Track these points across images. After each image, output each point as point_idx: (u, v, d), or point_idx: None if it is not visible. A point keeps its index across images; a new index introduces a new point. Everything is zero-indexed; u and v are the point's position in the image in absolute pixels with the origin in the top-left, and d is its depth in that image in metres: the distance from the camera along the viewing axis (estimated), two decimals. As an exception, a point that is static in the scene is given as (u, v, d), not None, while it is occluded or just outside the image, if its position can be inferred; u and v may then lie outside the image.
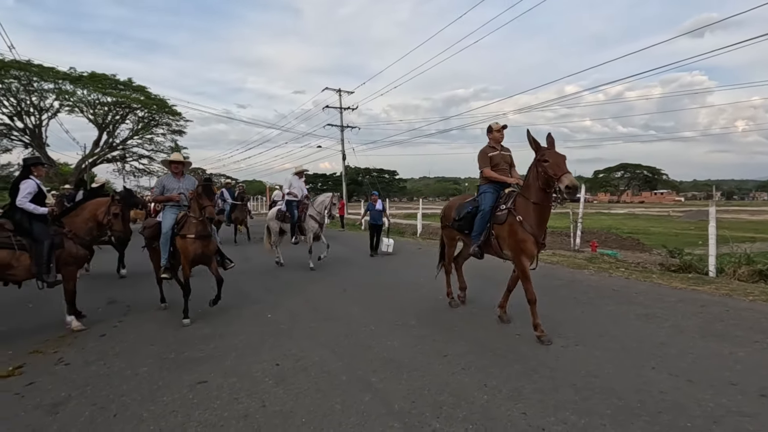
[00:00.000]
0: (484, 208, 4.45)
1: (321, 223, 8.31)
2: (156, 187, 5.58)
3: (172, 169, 5.34)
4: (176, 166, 5.32)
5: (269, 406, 2.80)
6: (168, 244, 4.95)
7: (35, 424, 2.63)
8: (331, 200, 8.25)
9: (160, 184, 5.34)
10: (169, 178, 5.32)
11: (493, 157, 4.68)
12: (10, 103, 24.89)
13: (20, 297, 6.11)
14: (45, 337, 4.28)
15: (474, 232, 4.53)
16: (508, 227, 4.15)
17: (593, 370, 3.32)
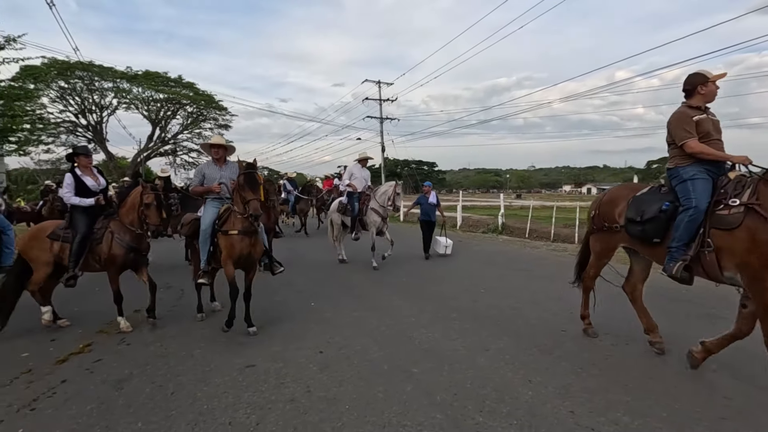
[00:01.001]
0: (697, 204, 2.92)
1: (384, 216, 7.47)
2: (195, 176, 4.69)
3: (212, 153, 4.56)
4: (217, 150, 4.53)
5: (314, 392, 2.89)
6: (208, 243, 4.27)
7: (104, 397, 2.86)
8: (394, 190, 7.34)
9: (200, 172, 4.58)
10: (209, 165, 4.55)
11: (700, 123, 3.12)
12: (75, 102, 26.82)
13: (89, 281, 6.65)
14: (109, 318, 4.61)
15: (675, 242, 3.02)
16: (749, 235, 2.66)
17: (647, 371, 3.16)
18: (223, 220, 4.21)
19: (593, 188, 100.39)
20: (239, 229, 4.05)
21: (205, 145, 4.83)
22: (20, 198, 17.76)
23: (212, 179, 4.46)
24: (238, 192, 4.06)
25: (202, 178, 4.50)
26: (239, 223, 4.06)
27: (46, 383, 3.09)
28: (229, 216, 4.17)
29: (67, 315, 4.76)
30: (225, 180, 4.44)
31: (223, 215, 4.25)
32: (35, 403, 2.79)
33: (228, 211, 4.22)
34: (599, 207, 3.85)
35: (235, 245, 4.05)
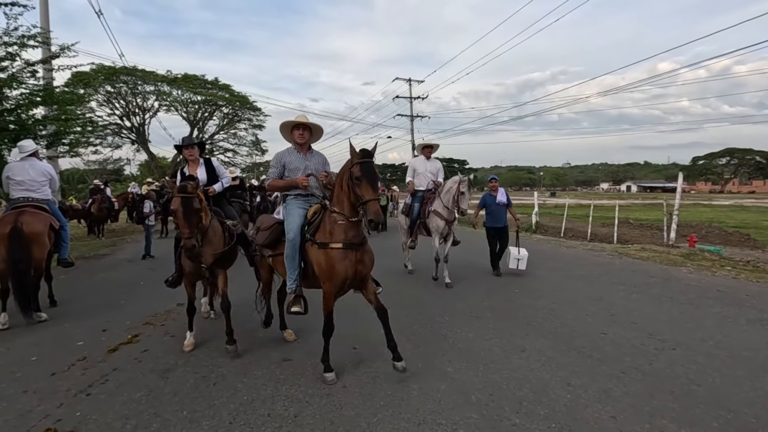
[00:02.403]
0: None
1: (449, 220, 6.08)
2: (272, 167, 3.63)
3: (294, 137, 3.55)
4: (301, 133, 3.51)
5: (349, 387, 2.93)
6: (298, 257, 3.22)
7: (152, 386, 3.01)
8: (458, 188, 5.88)
9: (278, 162, 3.56)
10: (291, 153, 3.59)
11: None
12: (120, 105, 28.28)
13: (134, 275, 7.02)
14: (154, 311, 4.85)
15: None
16: None
17: (695, 378, 3.01)
18: (315, 226, 3.17)
19: (633, 186, 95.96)
20: (343, 240, 2.98)
21: (285, 126, 3.59)
22: (72, 197, 18.91)
23: (295, 170, 3.50)
24: (347, 186, 2.93)
25: (281, 170, 3.53)
26: (342, 231, 2.99)
27: (100, 370, 3.29)
28: (324, 220, 3.13)
29: (114, 307, 5.05)
30: (313, 171, 3.51)
31: (315, 218, 3.24)
32: (90, 389, 2.98)
33: (320, 214, 3.21)
34: None
35: (338, 264, 2.96)
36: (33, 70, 7.77)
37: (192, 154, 4.29)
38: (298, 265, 3.23)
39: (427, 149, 6.64)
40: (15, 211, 4.43)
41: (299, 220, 3.29)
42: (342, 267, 2.96)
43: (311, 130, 3.62)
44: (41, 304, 4.73)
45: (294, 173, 3.50)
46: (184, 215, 3.35)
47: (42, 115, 8.31)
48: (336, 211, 3.03)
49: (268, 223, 3.64)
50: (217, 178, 4.39)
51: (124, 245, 11.29)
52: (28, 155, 4.74)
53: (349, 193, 2.91)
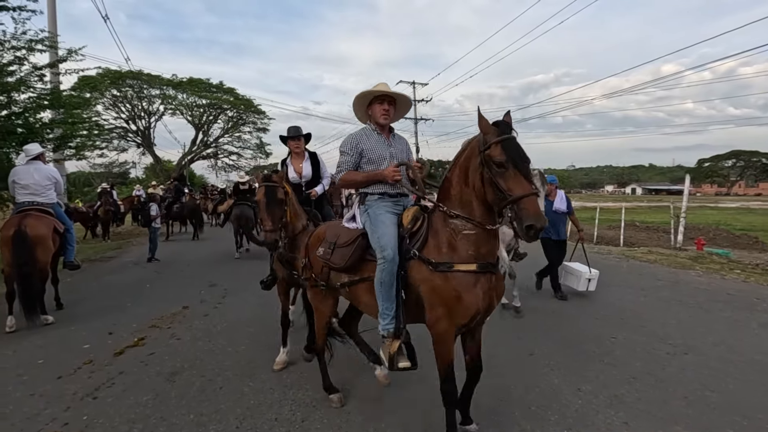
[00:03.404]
0: None
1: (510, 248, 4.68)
2: (345, 154, 2.60)
3: (377, 115, 2.59)
4: (386, 109, 2.57)
5: (357, 392, 2.90)
6: (395, 283, 2.26)
7: (158, 389, 3.00)
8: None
9: (354, 147, 2.57)
10: (370, 136, 2.61)
11: None
12: (126, 109, 28.48)
13: (140, 278, 7.04)
14: (160, 314, 4.84)
15: None
16: None
17: (709, 383, 2.96)
18: (420, 238, 2.26)
19: (638, 188, 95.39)
20: (475, 258, 2.11)
21: (362, 100, 2.63)
22: (78, 200, 19.04)
23: (378, 160, 2.55)
24: (477, 182, 2.05)
25: (357, 158, 2.57)
26: (471, 245, 2.11)
27: (106, 374, 3.28)
28: (436, 229, 2.23)
29: (120, 309, 5.05)
30: (400, 158, 2.60)
31: (417, 228, 2.31)
32: (97, 392, 2.97)
33: (424, 220, 2.32)
34: None
35: (467, 293, 2.07)
36: (41, 74, 7.83)
37: (298, 146, 3.99)
38: (396, 295, 2.25)
39: None
40: (19, 215, 4.46)
41: (394, 229, 2.33)
42: (472, 298, 2.06)
43: (395, 103, 2.62)
44: (47, 306, 4.73)
45: (376, 164, 2.56)
46: (267, 206, 3.07)
47: (49, 118, 8.37)
48: (458, 215, 2.14)
49: (347, 236, 2.53)
50: (321, 176, 4.02)
51: (129, 248, 11.32)
52: (34, 158, 4.76)
53: (483, 188, 2.02)
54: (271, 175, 3.23)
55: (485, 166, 2.00)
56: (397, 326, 2.27)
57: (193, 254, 9.82)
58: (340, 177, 2.61)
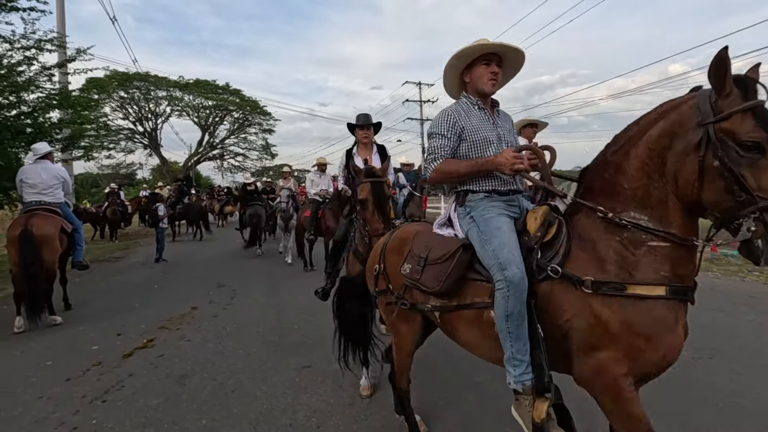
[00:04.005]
0: None
1: None
2: (440, 137, 1.93)
3: (481, 82, 1.94)
4: (494, 74, 1.92)
5: (374, 397, 2.81)
6: (525, 317, 1.56)
7: (168, 392, 2.92)
8: None
9: (452, 127, 1.92)
10: (469, 112, 1.97)
11: None
12: (133, 110, 28.63)
13: (148, 278, 7.00)
14: (168, 315, 4.78)
15: None
16: None
17: (738, 389, 2.83)
18: (557, 249, 1.60)
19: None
20: (670, 279, 1.44)
21: (463, 58, 1.95)
22: (85, 200, 19.13)
23: (483, 143, 1.92)
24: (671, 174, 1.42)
25: (456, 142, 1.93)
26: (663, 262, 1.45)
27: (115, 376, 3.21)
28: (582, 238, 1.59)
29: (128, 310, 5.00)
30: (510, 142, 2.00)
31: (553, 238, 1.64)
32: (106, 395, 2.90)
33: (561, 226, 1.64)
34: None
35: (662, 330, 1.42)
36: (50, 74, 7.83)
37: (367, 136, 3.66)
38: (532, 331, 1.57)
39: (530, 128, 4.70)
40: (26, 215, 4.44)
41: (515, 238, 1.69)
42: (671, 338, 1.42)
43: (501, 63, 1.93)
44: (56, 307, 4.69)
45: (479, 149, 1.91)
46: (377, 204, 2.67)
47: (58, 118, 8.37)
48: (634, 223, 1.47)
49: (443, 248, 1.86)
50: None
51: (137, 248, 11.33)
52: (42, 157, 4.72)
53: (699, 182, 1.34)
54: (373, 169, 2.87)
55: (714, 148, 1.28)
56: (540, 378, 1.54)
57: (200, 254, 9.79)
58: (435, 168, 1.91)
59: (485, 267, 1.71)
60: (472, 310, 1.77)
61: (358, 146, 3.72)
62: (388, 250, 2.19)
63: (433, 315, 1.96)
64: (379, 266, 2.21)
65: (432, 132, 1.98)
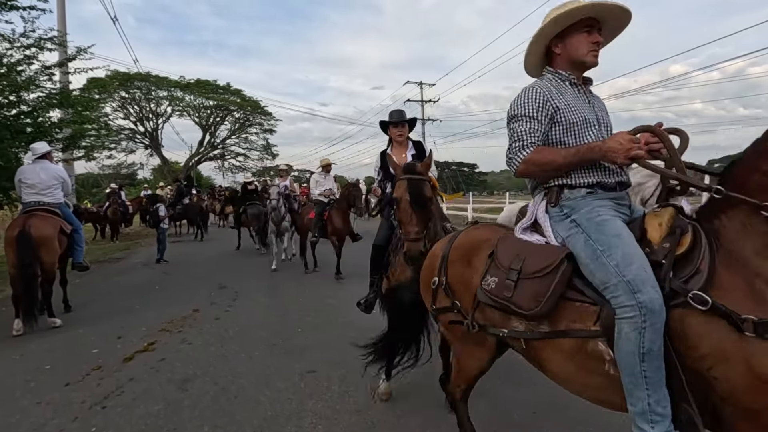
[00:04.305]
0: None
1: None
2: (527, 119, 1.57)
3: (579, 51, 1.61)
4: (595, 43, 1.60)
5: (380, 404, 2.73)
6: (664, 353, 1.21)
7: (170, 398, 2.84)
8: None
9: (540, 104, 1.57)
10: (558, 86, 1.64)
11: None
12: (134, 110, 28.58)
13: (149, 279, 6.93)
14: (170, 317, 4.70)
15: None
16: None
17: None
18: (695, 267, 1.23)
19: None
20: None
21: (564, 20, 1.57)
22: (87, 200, 19.08)
23: (583, 125, 1.60)
24: None
25: (547, 125, 1.60)
26: None
27: (115, 381, 3.13)
28: (731, 252, 1.22)
29: (129, 312, 4.92)
30: (608, 125, 1.71)
31: (688, 250, 1.27)
32: (106, 401, 2.82)
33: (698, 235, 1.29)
34: None
35: None
36: (50, 73, 7.77)
37: (402, 133, 3.40)
38: (673, 376, 1.23)
39: None
40: (24, 216, 4.37)
41: (639, 248, 1.35)
42: None
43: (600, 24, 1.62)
44: (55, 309, 4.61)
45: (580, 132, 1.58)
46: (413, 205, 2.34)
47: (58, 118, 8.31)
48: None
49: (542, 259, 1.51)
50: None
51: (138, 249, 11.26)
52: (41, 157, 4.65)
53: None
54: (415, 164, 2.53)
55: None
56: None
57: (201, 255, 9.72)
58: (524, 158, 1.55)
59: (592, 285, 1.37)
60: (569, 338, 1.40)
61: (392, 145, 3.47)
62: (452, 261, 1.84)
63: (517, 343, 1.58)
64: (439, 279, 1.86)
65: (515, 114, 1.61)
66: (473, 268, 1.72)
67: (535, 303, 1.43)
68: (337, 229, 6.60)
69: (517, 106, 1.62)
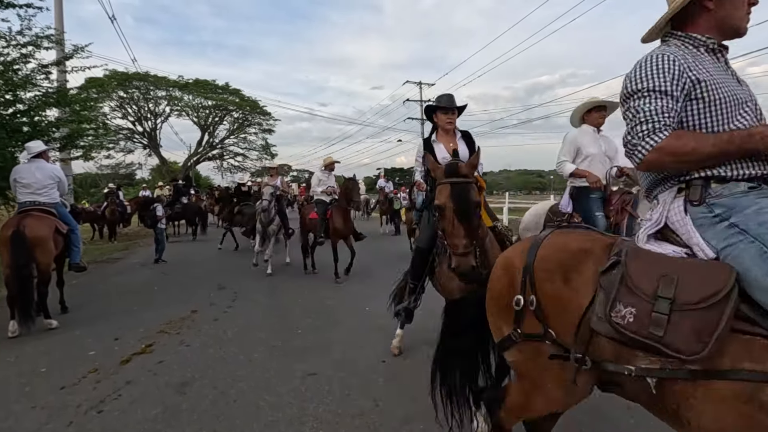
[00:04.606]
0: None
1: None
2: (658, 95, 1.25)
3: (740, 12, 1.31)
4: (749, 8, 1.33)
5: (383, 407, 2.67)
6: None
7: (168, 402, 2.78)
8: None
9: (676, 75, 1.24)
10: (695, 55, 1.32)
11: None
12: (133, 110, 28.47)
13: (148, 280, 6.86)
14: (168, 318, 4.63)
15: None
16: None
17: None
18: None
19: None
20: None
21: None
22: (84, 200, 18.98)
23: (735, 103, 1.25)
24: None
25: (682, 100, 1.26)
26: None
27: (112, 384, 3.07)
28: None
29: (127, 313, 4.85)
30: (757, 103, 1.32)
31: None
32: (102, 405, 2.76)
33: None
34: None
35: None
36: (47, 72, 7.69)
37: (452, 121, 3.03)
38: None
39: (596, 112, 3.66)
40: (19, 216, 4.30)
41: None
42: None
43: None
44: (51, 310, 4.54)
45: (729, 113, 1.25)
46: (459, 214, 2.01)
47: (56, 117, 8.23)
48: None
49: (704, 283, 1.12)
50: None
51: (136, 249, 11.18)
52: (36, 156, 4.58)
53: None
54: (459, 164, 2.18)
55: None
56: None
57: (199, 255, 9.65)
58: (657, 145, 1.22)
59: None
60: (735, 381, 1.05)
61: (437, 132, 3.09)
62: (541, 276, 1.44)
63: (640, 381, 1.19)
64: (525, 299, 1.45)
65: (640, 89, 1.27)
66: (574, 289, 1.35)
67: (699, 345, 1.05)
68: (338, 230, 6.43)
69: (643, 78, 1.27)
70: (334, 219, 6.39)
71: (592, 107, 3.69)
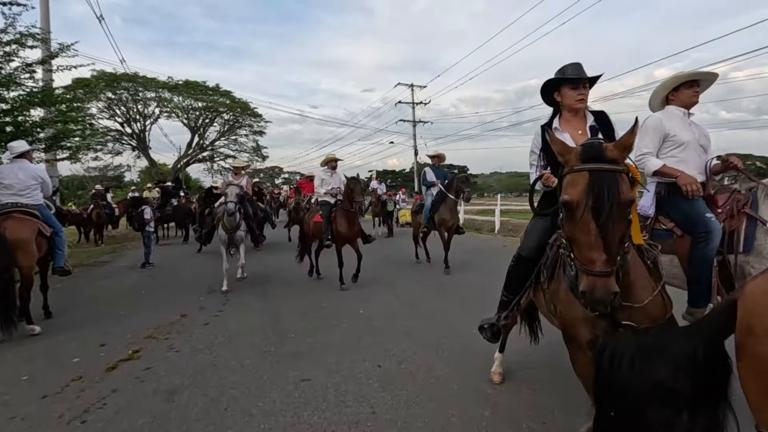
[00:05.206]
0: None
1: None
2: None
3: None
4: None
5: (379, 413, 2.59)
6: None
7: (156, 411, 2.67)
8: None
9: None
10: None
11: None
12: (121, 112, 28.04)
13: (135, 284, 6.69)
14: (156, 323, 4.50)
15: None
16: None
17: None
18: None
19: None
20: None
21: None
22: (71, 203, 18.60)
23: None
24: None
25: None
26: None
27: (97, 392, 2.94)
28: None
29: (113, 318, 4.71)
30: None
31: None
32: (86, 415, 2.64)
33: None
34: None
35: None
36: (31, 71, 7.50)
37: (583, 97, 2.26)
38: None
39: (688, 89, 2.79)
40: (0, 217, 4.13)
41: None
42: None
43: None
44: (34, 315, 4.39)
45: None
46: (601, 215, 1.43)
47: (41, 117, 8.02)
48: None
49: None
50: None
51: (124, 252, 10.96)
52: (19, 156, 4.43)
53: None
54: (603, 144, 1.58)
55: None
56: None
57: (189, 258, 9.48)
58: None
59: None
60: None
61: (561, 117, 2.34)
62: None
63: None
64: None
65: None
66: None
67: None
68: (342, 234, 5.99)
69: None
70: (338, 222, 5.94)
71: (681, 83, 2.80)
